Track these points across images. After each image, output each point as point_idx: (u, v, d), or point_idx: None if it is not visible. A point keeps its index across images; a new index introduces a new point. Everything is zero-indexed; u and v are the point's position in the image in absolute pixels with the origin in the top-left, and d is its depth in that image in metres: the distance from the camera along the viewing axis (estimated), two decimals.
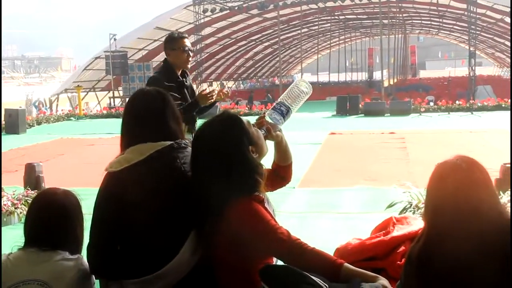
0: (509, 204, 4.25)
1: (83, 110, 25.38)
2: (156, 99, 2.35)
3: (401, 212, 4.99)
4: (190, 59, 4.68)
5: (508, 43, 35.51)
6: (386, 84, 29.94)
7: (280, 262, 2.21)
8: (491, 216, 1.87)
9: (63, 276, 2.18)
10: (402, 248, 2.62)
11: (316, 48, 44.32)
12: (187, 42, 4.66)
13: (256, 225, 2.09)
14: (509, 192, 4.50)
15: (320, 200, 6.76)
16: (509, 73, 46.47)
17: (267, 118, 2.53)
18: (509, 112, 18.73)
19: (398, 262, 2.55)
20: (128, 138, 2.32)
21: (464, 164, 1.93)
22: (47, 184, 6.66)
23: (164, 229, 2.14)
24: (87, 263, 2.27)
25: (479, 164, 1.95)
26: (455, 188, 1.89)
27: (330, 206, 6.43)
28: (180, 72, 4.67)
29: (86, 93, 28.79)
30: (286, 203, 6.31)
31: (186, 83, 4.69)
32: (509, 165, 5.28)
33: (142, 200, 2.15)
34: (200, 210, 2.17)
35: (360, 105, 20.39)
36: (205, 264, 2.17)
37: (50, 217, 2.26)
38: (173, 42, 4.63)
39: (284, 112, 2.57)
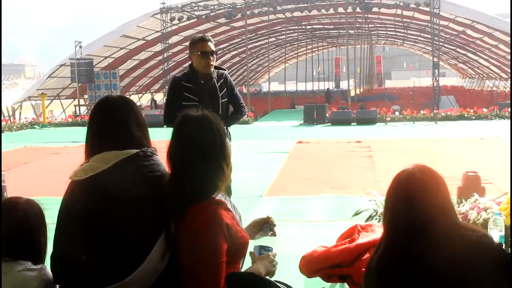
0: (471, 211, 4.34)
1: (48, 118, 24.95)
2: (119, 106, 2.32)
3: (367, 220, 5.04)
4: (212, 62, 4.55)
5: (471, 55, 36.47)
6: (352, 93, 30.28)
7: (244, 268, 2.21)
8: (444, 223, 1.91)
9: (25, 286, 2.14)
10: (367, 255, 2.65)
11: (284, 57, 44.62)
12: (207, 45, 4.53)
13: (206, 235, 2.07)
14: (471, 200, 4.60)
15: (287, 208, 6.79)
16: (471, 84, 47.64)
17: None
18: (470, 121, 19.20)
19: (363, 269, 2.58)
20: (93, 146, 2.29)
21: (418, 172, 1.97)
22: (10, 193, 6.52)
23: (129, 238, 2.12)
24: (50, 273, 2.22)
25: (434, 172, 1.99)
26: (408, 196, 1.94)
27: (297, 214, 6.46)
28: (205, 74, 4.60)
29: (50, 101, 28.32)
30: (253, 211, 6.31)
31: (206, 86, 4.59)
32: (472, 174, 5.39)
33: (107, 209, 2.12)
34: (167, 210, 2.16)
35: (327, 114, 20.60)
36: (173, 271, 2.16)
37: (12, 227, 2.21)
38: (192, 46, 4.57)
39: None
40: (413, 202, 1.92)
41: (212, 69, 4.66)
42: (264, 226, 2.54)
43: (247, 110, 4.92)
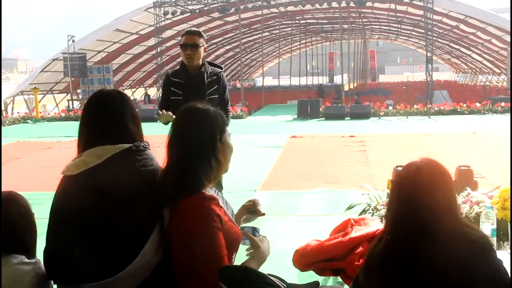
0: (463, 205, 4.36)
1: (40, 112, 24.82)
2: (114, 100, 2.30)
3: (360, 214, 5.05)
4: (193, 55, 4.62)
5: (464, 50, 36.54)
6: (346, 88, 30.29)
7: (238, 263, 2.21)
8: (448, 219, 1.91)
9: (21, 280, 2.13)
10: (360, 249, 2.66)
11: (277, 51, 44.51)
12: (189, 37, 4.62)
13: (202, 232, 2.06)
14: (463, 193, 4.62)
15: (280, 203, 6.80)
16: (464, 79, 47.75)
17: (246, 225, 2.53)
18: (463, 116, 19.26)
19: (356, 262, 2.59)
20: (85, 140, 2.27)
21: (425, 166, 1.95)
22: (2, 188, 6.49)
23: (122, 233, 2.11)
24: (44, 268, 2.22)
25: (441, 166, 1.96)
26: (414, 191, 1.92)
27: (290, 209, 6.47)
28: (195, 68, 4.67)
29: (43, 95, 28.17)
30: None
31: (194, 82, 4.64)
32: (464, 168, 5.41)
33: (100, 204, 2.12)
34: (161, 202, 2.16)
35: (321, 109, 20.61)
36: (167, 265, 2.16)
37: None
38: (180, 40, 4.69)
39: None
40: (419, 197, 1.89)
41: (201, 63, 4.71)
42: (249, 210, 2.55)
43: (230, 116, 4.92)
